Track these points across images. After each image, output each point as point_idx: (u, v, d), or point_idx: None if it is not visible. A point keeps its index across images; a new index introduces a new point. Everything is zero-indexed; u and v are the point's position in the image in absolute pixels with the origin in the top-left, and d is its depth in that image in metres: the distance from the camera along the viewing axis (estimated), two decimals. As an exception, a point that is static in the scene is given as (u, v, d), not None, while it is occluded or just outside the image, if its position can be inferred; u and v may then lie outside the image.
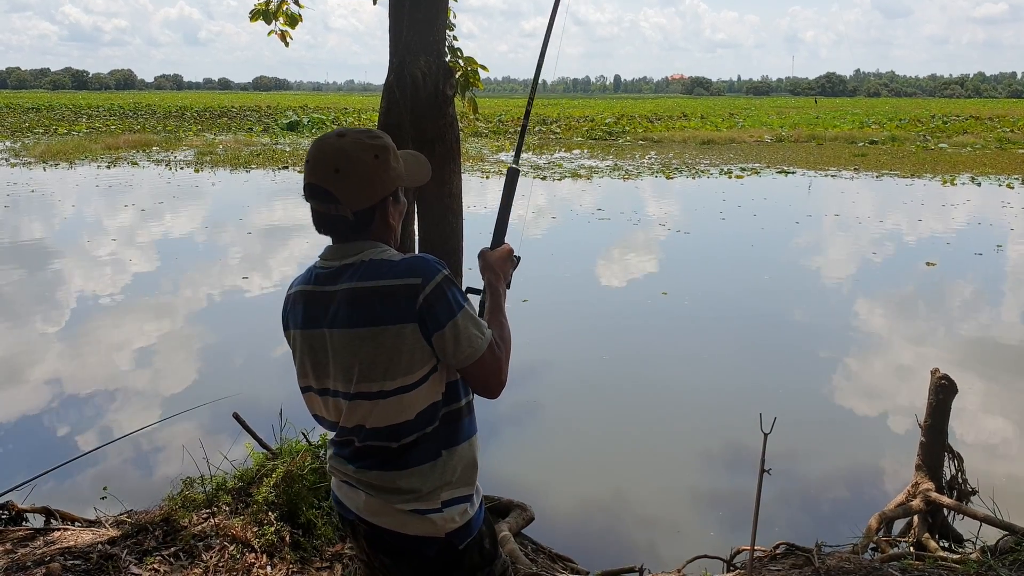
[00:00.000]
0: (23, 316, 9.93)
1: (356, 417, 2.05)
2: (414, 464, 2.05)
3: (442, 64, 4.29)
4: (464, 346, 2.00)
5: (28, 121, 50.61)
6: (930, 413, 4.85)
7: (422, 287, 1.97)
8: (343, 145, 2.02)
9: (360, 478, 2.09)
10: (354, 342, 2.00)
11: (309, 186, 2.07)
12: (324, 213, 2.07)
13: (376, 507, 2.07)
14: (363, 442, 2.07)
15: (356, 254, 2.06)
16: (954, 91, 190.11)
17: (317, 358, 2.09)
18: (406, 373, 2.00)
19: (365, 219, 2.06)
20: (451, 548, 2.08)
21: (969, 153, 31.79)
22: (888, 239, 15.00)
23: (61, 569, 3.78)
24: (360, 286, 2.01)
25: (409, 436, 2.04)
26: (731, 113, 63.93)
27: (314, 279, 2.12)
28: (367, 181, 2.03)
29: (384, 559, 2.13)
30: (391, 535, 2.07)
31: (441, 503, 2.06)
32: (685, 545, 4.82)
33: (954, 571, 3.93)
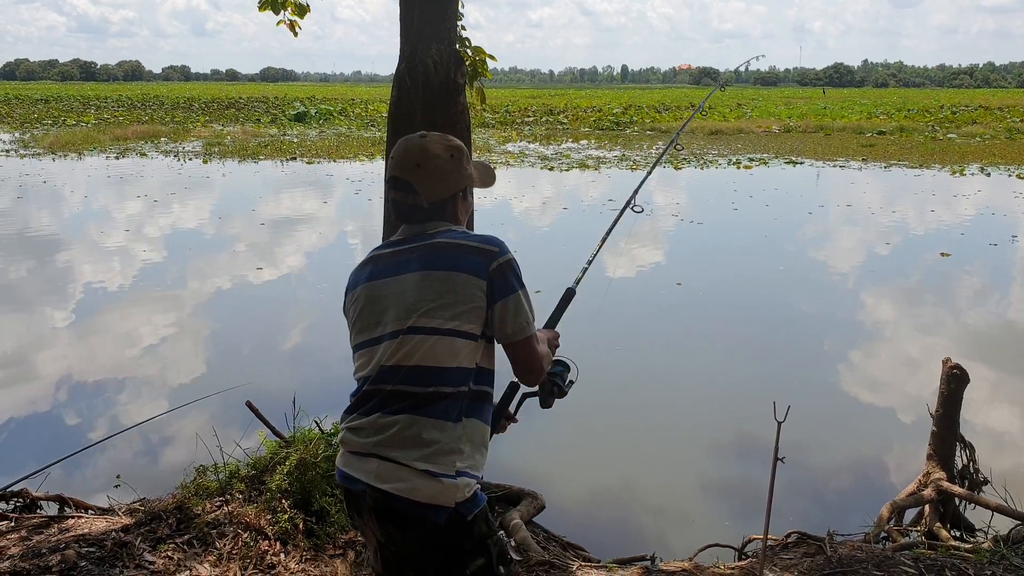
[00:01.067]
0: (36, 306, 9.98)
1: (400, 354, 2.18)
2: (440, 416, 2.16)
3: (453, 52, 4.28)
4: (520, 320, 2.22)
5: (37, 112, 50.71)
6: (942, 402, 4.85)
7: (498, 255, 2.22)
8: (425, 144, 2.30)
9: (383, 424, 2.17)
10: (426, 281, 2.20)
11: (393, 179, 2.32)
12: (404, 202, 2.32)
13: (389, 472, 2.14)
14: (396, 385, 2.18)
15: (433, 228, 2.30)
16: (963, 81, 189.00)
17: (376, 307, 2.26)
18: (464, 319, 2.17)
19: (438, 209, 2.31)
20: (460, 518, 2.15)
21: (978, 143, 31.63)
22: (901, 230, 14.94)
23: (76, 556, 3.80)
24: (440, 241, 2.25)
25: (444, 386, 2.16)
26: (739, 103, 63.70)
27: (389, 245, 2.35)
28: (443, 175, 2.30)
29: (392, 530, 2.17)
30: (401, 502, 2.12)
31: (455, 471, 2.15)
32: (696, 534, 4.82)
33: (966, 560, 3.93)
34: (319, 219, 16.04)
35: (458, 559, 2.18)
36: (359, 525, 2.33)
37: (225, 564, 3.77)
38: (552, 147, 30.92)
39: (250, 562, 3.77)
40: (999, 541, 4.27)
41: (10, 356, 8.18)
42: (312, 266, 12.19)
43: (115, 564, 3.75)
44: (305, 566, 3.79)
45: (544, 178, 21.90)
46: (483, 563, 2.20)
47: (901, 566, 3.83)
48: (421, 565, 2.21)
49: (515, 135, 36.48)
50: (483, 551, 2.20)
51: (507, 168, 23.94)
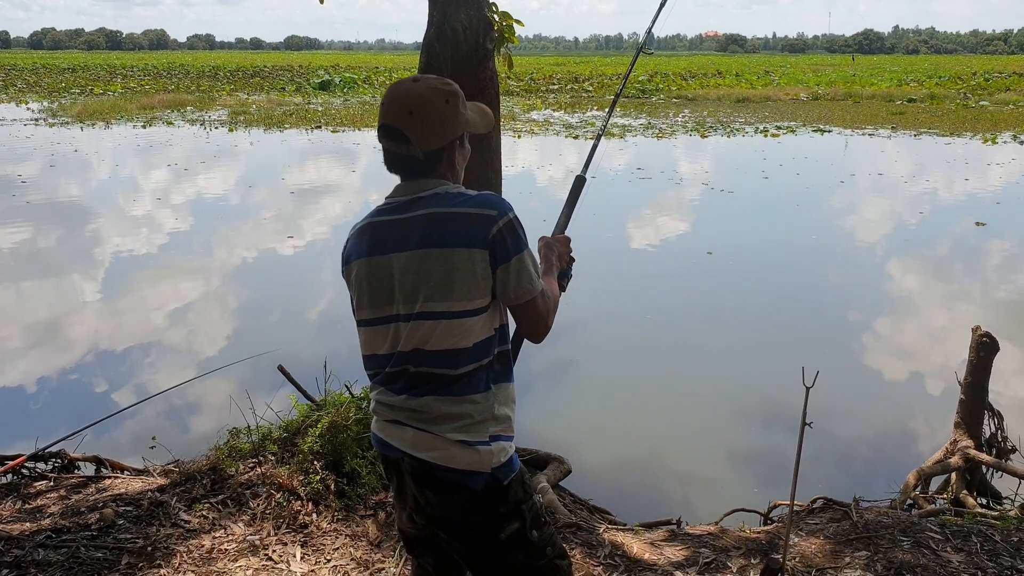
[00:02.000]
0: (70, 273, 10.14)
1: (416, 339, 2.12)
2: (468, 392, 2.13)
3: (482, 17, 4.26)
4: (524, 282, 2.13)
5: (64, 81, 51.03)
6: (970, 371, 4.83)
7: (497, 219, 2.09)
8: (417, 89, 2.14)
9: (412, 407, 2.14)
10: (426, 261, 2.10)
11: (384, 127, 2.16)
12: (396, 152, 2.17)
13: (425, 441, 2.13)
14: (419, 367, 2.13)
15: (429, 188, 2.17)
16: (997, 47, 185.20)
17: (381, 284, 2.17)
18: (471, 297, 2.09)
19: (433, 159, 2.17)
20: (497, 483, 2.15)
21: (1012, 111, 31.11)
22: (934, 199, 14.79)
23: (114, 515, 3.90)
24: (436, 211, 2.12)
25: (467, 366, 2.12)
26: (766, 71, 62.90)
27: (382, 211, 2.22)
28: (438, 123, 2.14)
29: (431, 495, 2.17)
30: (439, 469, 2.12)
31: (489, 437, 2.14)
32: (722, 500, 4.85)
33: (993, 527, 3.93)
34: (348, 187, 16.12)
35: (494, 523, 2.18)
36: (395, 487, 2.32)
37: (259, 524, 3.85)
38: (577, 115, 30.73)
39: (283, 522, 3.85)
40: (1026, 508, 4.28)
41: (45, 321, 8.33)
42: (342, 234, 12.25)
43: (152, 523, 3.85)
44: (337, 526, 3.87)
45: (569, 146, 21.79)
46: (518, 527, 2.19)
47: (927, 532, 3.84)
48: (458, 527, 2.22)
49: (540, 103, 36.28)
50: (518, 515, 2.20)
51: (532, 136, 23.84)
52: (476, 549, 2.23)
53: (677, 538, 3.95)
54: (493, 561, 2.22)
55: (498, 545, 2.19)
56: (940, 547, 3.70)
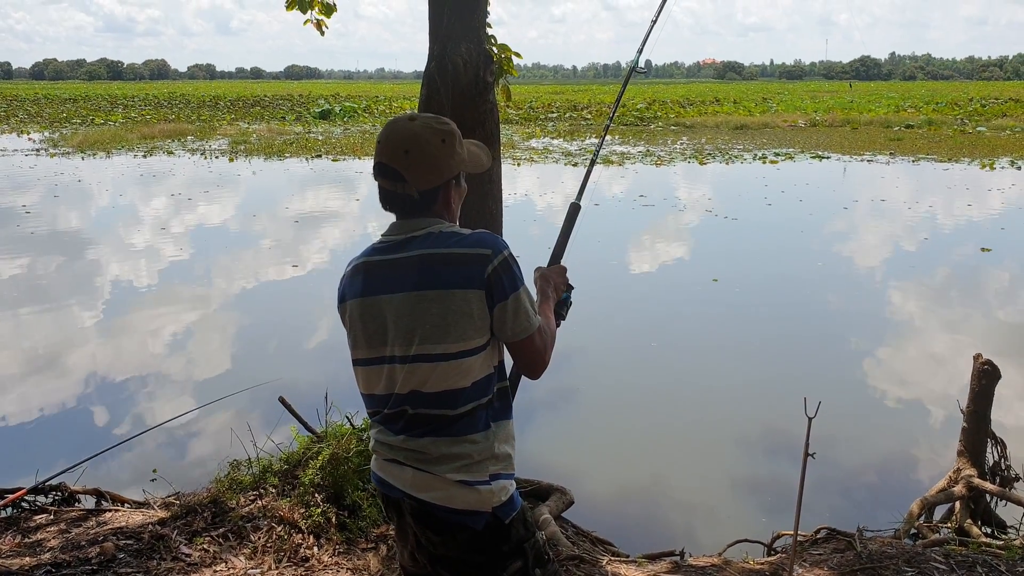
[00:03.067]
0: (73, 303, 10.14)
1: (413, 381, 2.11)
2: (467, 432, 2.12)
3: (482, 51, 4.30)
4: (522, 319, 2.13)
5: (65, 111, 51.32)
6: (973, 398, 4.82)
7: (491, 258, 2.09)
8: (414, 128, 2.14)
9: (411, 448, 2.14)
10: (421, 304, 2.09)
11: (379, 165, 2.17)
12: (391, 191, 2.17)
13: (425, 482, 2.12)
14: (416, 409, 2.12)
15: (423, 228, 2.16)
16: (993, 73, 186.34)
17: (376, 325, 2.16)
18: (468, 338, 2.08)
19: (429, 199, 2.16)
20: (498, 522, 2.14)
21: (1009, 136, 31.26)
22: (938, 225, 14.80)
23: (114, 548, 3.88)
24: (431, 252, 2.11)
25: (465, 405, 2.11)
26: (764, 98, 63.26)
27: (377, 251, 2.22)
28: (433, 163, 2.14)
29: (432, 536, 2.16)
30: (439, 510, 2.12)
31: (489, 476, 2.13)
32: (725, 530, 4.83)
33: (998, 557, 3.91)
34: (348, 215, 16.18)
35: (496, 562, 2.17)
36: (396, 525, 2.32)
37: (260, 557, 3.83)
38: (576, 143, 30.88)
39: (284, 555, 3.83)
40: (1031, 538, 4.25)
41: (47, 351, 8.31)
42: (342, 263, 12.27)
43: (152, 556, 3.83)
44: (338, 559, 3.85)
45: (568, 174, 21.88)
46: (520, 566, 2.18)
47: (932, 562, 3.82)
48: (460, 566, 2.20)
49: (539, 131, 36.47)
50: (520, 554, 2.19)
51: (531, 164, 23.95)
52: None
53: (680, 570, 3.93)
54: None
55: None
56: (945, 578, 3.67)
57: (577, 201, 2.85)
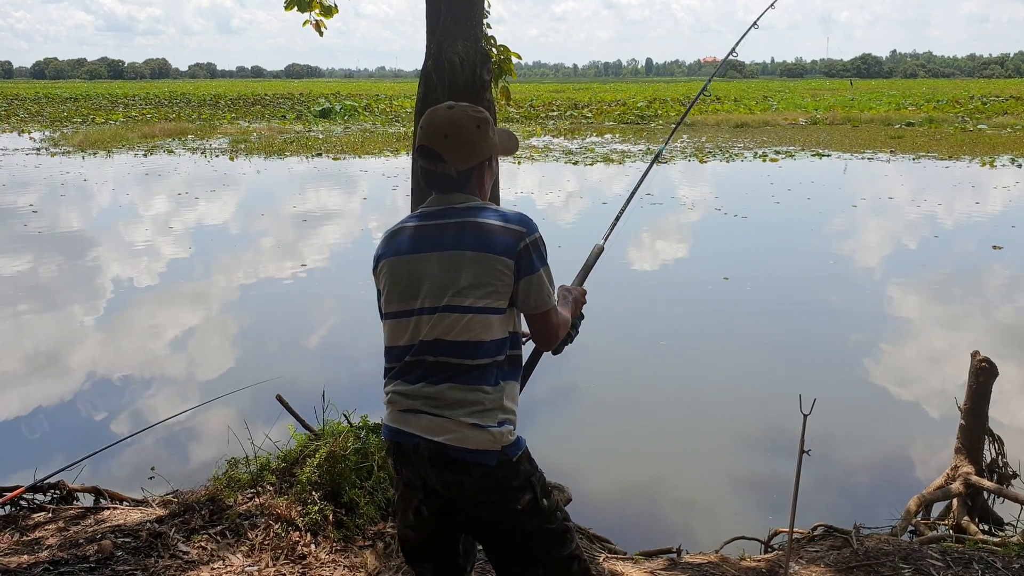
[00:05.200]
0: (87, 301, 10.15)
1: (440, 329, 2.34)
2: (481, 383, 2.35)
3: (479, 49, 4.31)
4: (542, 295, 2.40)
5: (66, 111, 51.36)
6: (970, 396, 4.82)
7: (526, 235, 2.36)
8: (452, 115, 2.41)
9: (427, 394, 2.35)
10: (458, 261, 2.34)
11: (422, 147, 2.44)
12: (432, 171, 2.43)
13: (440, 425, 2.33)
14: (437, 357, 2.35)
15: (461, 202, 2.43)
16: (994, 71, 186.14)
17: (411, 280, 2.40)
18: (495, 297, 2.34)
19: (465, 177, 2.43)
20: (507, 459, 2.36)
21: (1009, 134, 31.23)
22: (947, 223, 14.76)
23: (112, 546, 3.88)
24: (474, 220, 2.38)
25: (483, 358, 2.34)
26: (765, 96, 63.22)
27: (417, 218, 2.47)
28: (470, 146, 2.41)
29: (449, 476, 2.36)
30: (455, 450, 2.32)
31: (497, 421, 2.35)
32: (722, 527, 4.83)
33: (994, 554, 3.91)
34: (356, 215, 16.19)
35: (509, 496, 2.37)
36: (404, 481, 2.48)
37: (257, 554, 3.83)
38: (576, 141, 30.88)
39: (281, 552, 3.84)
40: (1028, 535, 4.25)
41: (51, 350, 8.32)
42: (345, 262, 12.32)
43: (150, 554, 3.83)
44: (335, 556, 3.85)
45: (569, 172, 21.88)
46: (530, 497, 2.39)
47: (928, 559, 3.83)
48: (475, 505, 2.39)
49: (539, 129, 36.46)
50: (529, 487, 2.40)
51: (532, 163, 23.95)
52: (491, 523, 2.42)
53: (677, 567, 3.93)
54: (508, 531, 2.41)
55: (514, 516, 2.39)
56: (941, 575, 3.68)
57: (602, 243, 3.14)
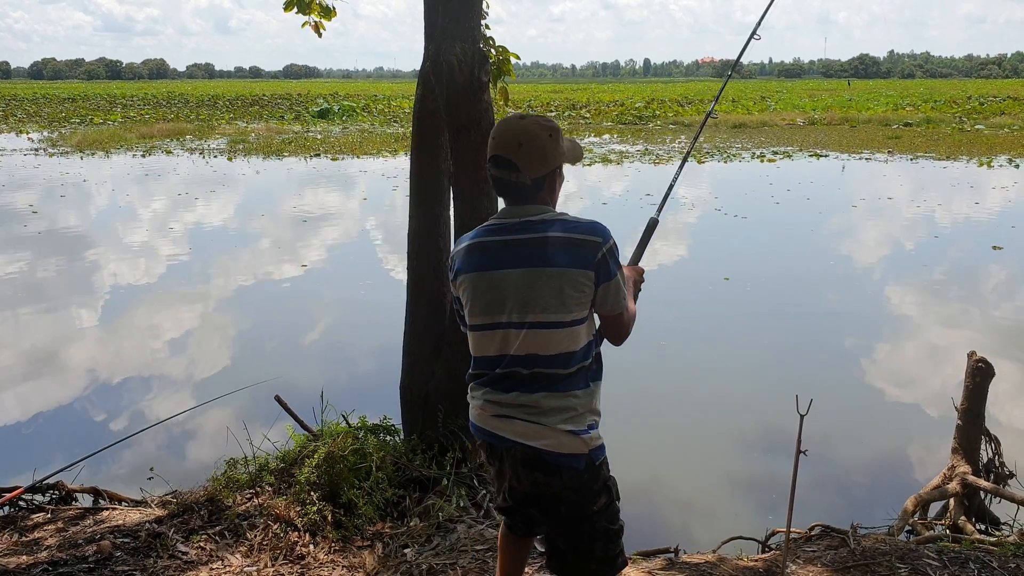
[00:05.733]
0: (87, 302, 10.16)
1: (531, 346, 2.47)
2: (574, 388, 2.51)
3: (477, 51, 4.32)
4: (619, 299, 2.53)
5: (64, 111, 51.31)
6: (967, 396, 4.84)
7: (601, 246, 2.46)
8: (525, 125, 2.51)
9: (522, 403, 2.49)
10: (541, 278, 2.44)
11: (495, 157, 2.52)
12: (506, 179, 2.52)
13: (535, 431, 2.48)
14: (532, 369, 2.48)
15: (537, 213, 2.52)
16: (991, 71, 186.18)
17: (493, 295, 2.50)
18: (579, 310, 2.47)
19: (538, 185, 2.53)
20: (592, 463, 2.54)
21: (1007, 134, 31.26)
22: (947, 223, 14.77)
23: (111, 547, 3.89)
24: (551, 235, 2.46)
25: (574, 365, 2.50)
26: (762, 96, 63.27)
27: (493, 231, 2.55)
28: (542, 154, 2.50)
29: (539, 476, 2.54)
30: (549, 455, 2.48)
31: (587, 425, 2.53)
32: (720, 527, 4.84)
33: (991, 554, 3.93)
34: (357, 215, 16.21)
35: (589, 496, 2.57)
36: (496, 470, 2.70)
37: (256, 555, 3.84)
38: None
39: (280, 553, 3.85)
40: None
41: (51, 350, 8.33)
42: (347, 262, 12.34)
43: (149, 555, 3.84)
44: (334, 556, 3.86)
45: (568, 173, 21.57)
46: (605, 500, 2.61)
47: (925, 559, 3.84)
48: (556, 502, 2.58)
49: (537, 130, 36.39)
50: (606, 490, 2.61)
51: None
52: (567, 518, 2.61)
53: (675, 567, 3.94)
54: (579, 527, 2.61)
55: (590, 515, 2.58)
56: (937, 574, 3.69)
57: (656, 215, 3.26)
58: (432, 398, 4.64)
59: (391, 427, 4.80)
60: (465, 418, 4.62)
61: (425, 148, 4.76)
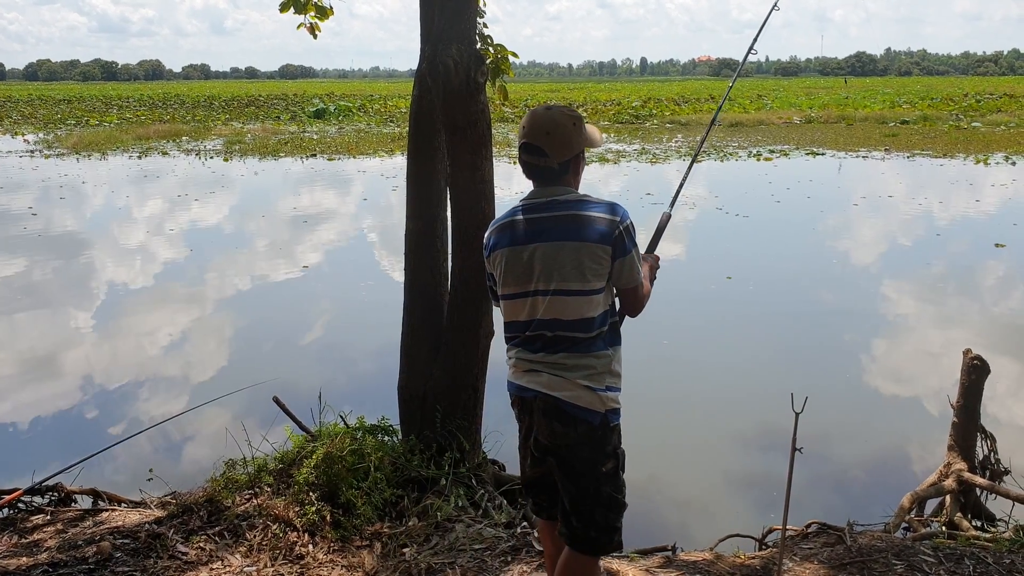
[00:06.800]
0: (89, 304, 10.16)
1: (554, 311, 2.73)
2: (595, 351, 2.76)
3: (473, 52, 4.33)
4: (634, 273, 2.79)
5: (60, 113, 51.24)
6: (962, 393, 4.86)
7: (620, 223, 2.73)
8: (552, 115, 2.78)
9: (549, 361, 2.76)
10: (563, 250, 2.71)
11: (526, 144, 2.79)
12: (536, 164, 2.80)
13: (558, 383, 2.75)
14: (555, 332, 2.75)
15: (563, 194, 2.79)
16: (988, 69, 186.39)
17: (524, 266, 2.77)
18: (597, 280, 2.72)
19: (564, 168, 2.80)
20: (606, 422, 2.78)
21: (1003, 132, 31.30)
22: (949, 221, 14.79)
23: (111, 548, 3.91)
24: (573, 213, 2.74)
25: (594, 331, 2.75)
26: (759, 95, 63.30)
27: (523, 210, 2.82)
28: (568, 140, 2.77)
29: (557, 426, 2.77)
30: (567, 405, 2.74)
31: (606, 386, 2.77)
32: (718, 525, 4.86)
33: (985, 550, 3.95)
34: (357, 216, 16.25)
35: (599, 457, 2.80)
36: (525, 429, 2.94)
37: (255, 555, 3.86)
38: (571, 141, 30.79)
39: (279, 553, 3.86)
40: (1020, 531, 4.29)
41: (50, 352, 8.33)
42: (347, 262, 12.37)
43: (149, 555, 3.86)
44: (333, 556, 3.88)
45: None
46: (612, 465, 2.82)
47: (921, 555, 3.86)
48: (571, 455, 2.79)
49: (534, 129, 36.38)
50: (614, 456, 2.83)
51: (527, 163, 23.90)
52: (580, 475, 2.80)
53: (672, 565, 3.96)
54: (588, 486, 2.80)
55: (598, 475, 2.80)
56: (933, 570, 3.71)
57: (669, 210, 3.51)
58: (430, 398, 4.66)
59: (389, 427, 4.81)
60: (462, 418, 4.66)
61: (422, 149, 4.78)
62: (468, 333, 4.61)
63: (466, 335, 4.61)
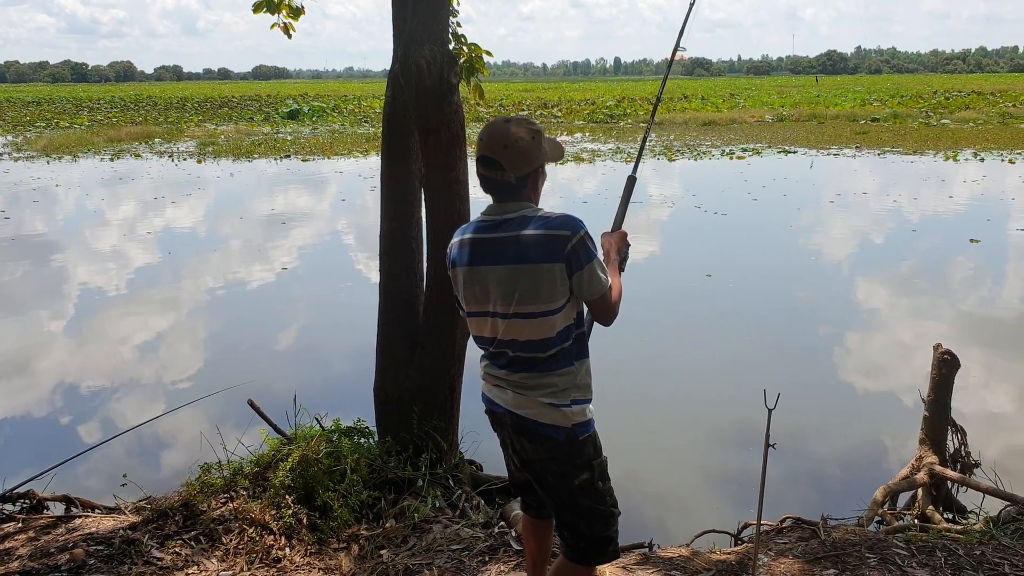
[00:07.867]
0: (38, 308, 10.04)
1: (512, 332, 2.69)
2: (556, 369, 2.70)
3: (446, 52, 4.34)
4: (595, 284, 2.68)
5: (29, 115, 50.60)
6: (933, 388, 4.92)
7: (571, 238, 2.62)
8: (509, 128, 2.69)
9: (511, 379, 2.73)
10: (517, 274, 2.64)
11: (483, 158, 2.70)
12: (492, 178, 2.71)
13: (521, 401, 2.72)
14: (516, 352, 2.71)
15: (516, 211, 2.71)
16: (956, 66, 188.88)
17: (480, 288, 2.72)
18: (553, 300, 2.64)
19: (522, 183, 2.71)
20: (574, 437, 2.71)
21: (972, 129, 31.71)
22: (923, 217, 14.94)
23: (85, 554, 3.87)
24: (524, 234, 2.65)
25: (552, 349, 2.69)
26: (732, 94, 63.71)
27: (479, 229, 2.75)
28: (526, 155, 2.69)
29: (526, 443, 2.77)
30: (531, 423, 2.71)
31: (571, 400, 2.71)
32: (694, 521, 4.90)
33: (956, 542, 4.00)
34: (334, 217, 16.17)
35: (570, 471, 2.75)
36: (500, 436, 2.93)
37: (232, 559, 3.84)
38: (546, 140, 30.85)
39: (256, 556, 3.85)
40: (989, 522, 4.36)
41: (20, 357, 8.24)
42: (323, 264, 12.32)
43: (124, 561, 3.83)
44: (310, 559, 3.87)
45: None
46: (587, 477, 2.76)
47: (893, 548, 3.91)
48: (543, 469, 2.78)
49: (509, 129, 36.40)
50: (588, 468, 2.76)
51: (502, 162, 23.91)
52: (554, 488, 2.79)
53: (649, 562, 3.99)
54: (564, 500, 2.78)
55: (572, 489, 2.76)
56: (906, 563, 3.76)
57: (633, 174, 3.47)
58: (406, 399, 4.66)
59: (365, 429, 4.80)
60: (439, 419, 4.67)
61: (395, 150, 4.78)
62: (444, 334, 4.61)
63: (442, 336, 4.62)
